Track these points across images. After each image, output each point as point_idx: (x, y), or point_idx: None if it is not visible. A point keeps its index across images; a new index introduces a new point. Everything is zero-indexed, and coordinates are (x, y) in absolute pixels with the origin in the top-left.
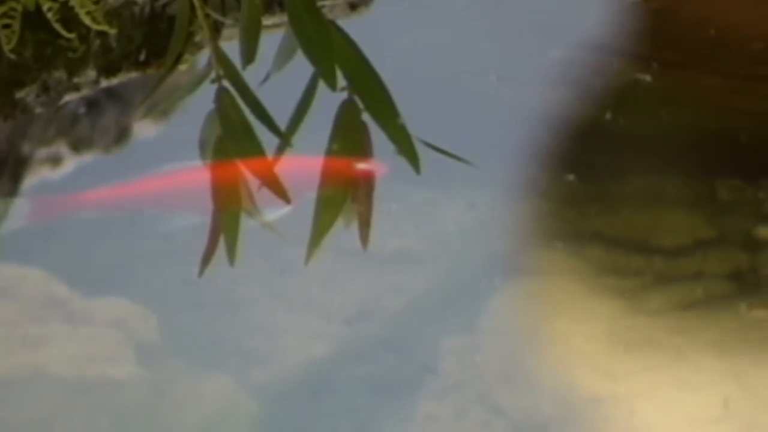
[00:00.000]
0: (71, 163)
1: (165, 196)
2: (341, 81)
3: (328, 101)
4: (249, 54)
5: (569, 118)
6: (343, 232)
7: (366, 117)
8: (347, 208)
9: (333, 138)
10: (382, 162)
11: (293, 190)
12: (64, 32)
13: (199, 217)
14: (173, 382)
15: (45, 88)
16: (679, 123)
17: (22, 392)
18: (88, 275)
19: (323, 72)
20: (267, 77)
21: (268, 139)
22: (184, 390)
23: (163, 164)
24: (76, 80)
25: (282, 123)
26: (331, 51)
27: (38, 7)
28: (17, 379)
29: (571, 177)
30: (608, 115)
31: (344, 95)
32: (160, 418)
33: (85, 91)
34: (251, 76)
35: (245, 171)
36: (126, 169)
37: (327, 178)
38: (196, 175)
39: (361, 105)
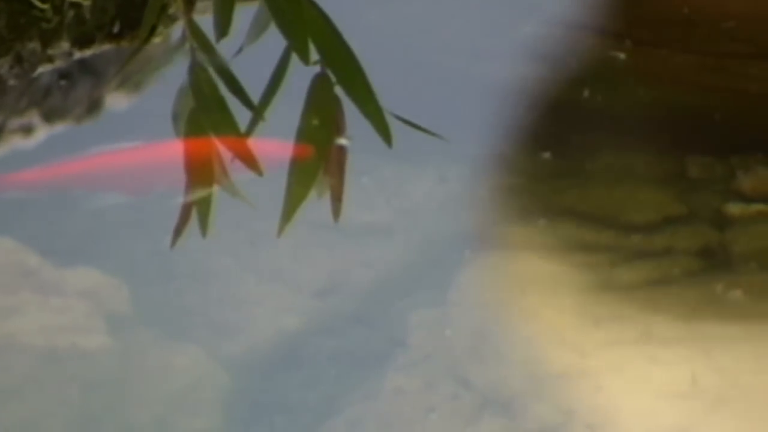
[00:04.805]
0: (43, 133)
1: (93, 176)
2: (314, 55)
3: (301, 75)
4: (223, 27)
5: (541, 94)
6: (315, 205)
7: (338, 90)
8: (319, 181)
9: (306, 111)
10: (354, 135)
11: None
12: (38, 3)
13: (127, 197)
14: (144, 353)
15: (19, 60)
16: (652, 100)
17: None
18: (59, 245)
19: (296, 45)
20: (240, 50)
21: (240, 113)
22: (154, 361)
23: (134, 136)
24: (49, 52)
25: (255, 96)
26: (303, 24)
27: None
28: None
29: (542, 153)
30: (581, 92)
31: (317, 69)
32: (131, 388)
33: (59, 63)
34: (225, 49)
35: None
36: (97, 140)
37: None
38: (125, 155)
39: (333, 79)
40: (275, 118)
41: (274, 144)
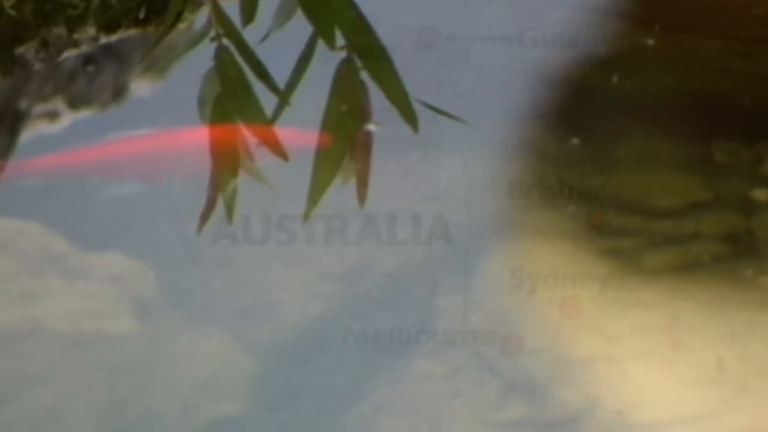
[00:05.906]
0: (68, 118)
1: (109, 164)
2: (340, 40)
3: (327, 60)
4: (249, 12)
5: (569, 79)
6: (340, 190)
7: (364, 76)
8: (345, 167)
9: (332, 97)
10: (379, 120)
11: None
12: None
13: (142, 186)
14: (170, 338)
15: (44, 44)
16: (680, 86)
17: (19, 346)
18: (86, 230)
19: (322, 31)
20: (266, 36)
21: (266, 98)
22: (180, 345)
23: (159, 122)
24: (75, 36)
25: (281, 82)
26: (330, 10)
27: None
28: (15, 334)
29: (570, 138)
30: (610, 78)
31: (343, 54)
32: (157, 373)
33: (85, 48)
34: (251, 34)
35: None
36: (121, 126)
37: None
38: (141, 143)
39: (359, 64)
40: (301, 103)
41: (293, 133)
